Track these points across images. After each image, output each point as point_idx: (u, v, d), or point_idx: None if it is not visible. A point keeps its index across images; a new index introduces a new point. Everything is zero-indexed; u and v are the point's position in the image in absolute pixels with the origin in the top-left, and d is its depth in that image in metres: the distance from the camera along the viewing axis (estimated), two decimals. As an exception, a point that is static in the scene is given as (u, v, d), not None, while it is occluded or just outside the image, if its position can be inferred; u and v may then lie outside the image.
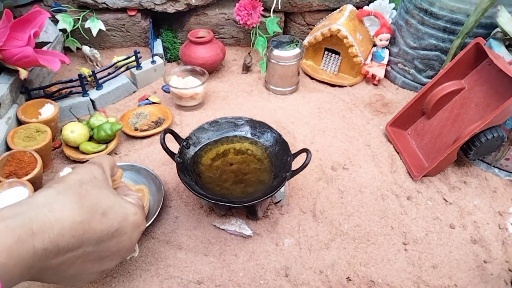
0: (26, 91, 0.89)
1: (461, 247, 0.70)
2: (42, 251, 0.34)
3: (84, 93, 0.96)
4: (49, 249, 0.35)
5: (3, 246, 0.32)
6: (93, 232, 0.39)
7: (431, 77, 0.98)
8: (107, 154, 0.85)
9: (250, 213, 0.73)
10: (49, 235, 0.35)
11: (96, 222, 0.39)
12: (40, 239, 0.34)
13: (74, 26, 1.12)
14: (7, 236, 0.33)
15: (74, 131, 0.83)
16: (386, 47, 1.09)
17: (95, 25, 1.13)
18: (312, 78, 1.14)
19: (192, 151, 0.75)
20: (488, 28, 0.89)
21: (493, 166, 0.85)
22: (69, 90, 0.95)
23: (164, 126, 0.92)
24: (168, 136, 0.74)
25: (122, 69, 1.04)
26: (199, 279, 0.64)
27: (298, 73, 1.06)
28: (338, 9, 1.13)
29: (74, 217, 0.37)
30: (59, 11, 1.12)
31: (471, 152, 0.77)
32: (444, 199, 0.79)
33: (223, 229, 0.71)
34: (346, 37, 1.02)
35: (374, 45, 1.10)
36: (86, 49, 1.12)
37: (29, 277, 0.36)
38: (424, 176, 0.82)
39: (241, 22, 1.11)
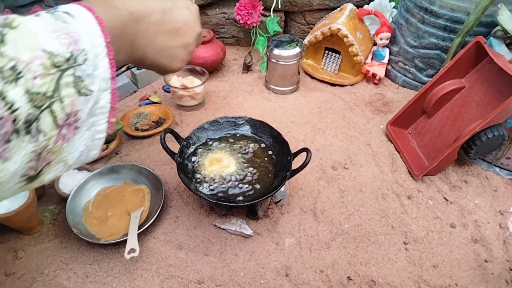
0: (26, 91, 0.89)
1: (462, 247, 0.70)
2: (125, 11, 0.41)
3: (85, 93, 0.96)
4: (129, 9, 0.41)
5: (104, 7, 0.39)
6: (154, 3, 0.45)
7: (431, 76, 0.97)
8: (108, 154, 0.85)
9: (251, 213, 0.73)
10: (123, 2, 0.41)
11: None
12: (119, 3, 0.41)
13: (74, 26, 1.12)
14: (106, 1, 0.40)
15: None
16: (387, 46, 1.08)
17: (95, 25, 1.13)
18: (312, 78, 1.14)
19: (192, 150, 0.75)
20: (489, 26, 0.88)
21: (494, 165, 0.84)
22: (69, 90, 0.95)
23: (164, 126, 0.92)
24: (169, 136, 0.74)
25: (123, 69, 1.03)
26: (199, 279, 0.64)
27: (299, 73, 1.06)
28: (339, 8, 1.13)
29: None
30: (60, 11, 1.12)
31: (471, 151, 0.77)
32: (444, 198, 0.79)
33: (223, 229, 0.71)
34: (346, 36, 1.02)
35: (375, 44, 1.10)
36: (86, 49, 1.12)
37: (130, 39, 0.42)
38: (424, 175, 0.82)
39: (241, 22, 1.11)
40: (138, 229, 0.67)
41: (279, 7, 1.15)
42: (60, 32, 0.33)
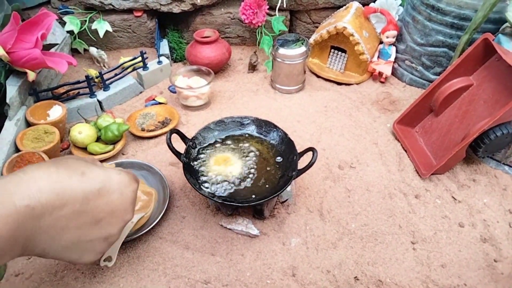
0: (34, 93, 0.90)
1: (470, 246, 0.70)
2: (25, 208, 0.34)
3: (92, 94, 0.97)
4: (31, 205, 0.34)
5: None
6: (74, 189, 0.38)
7: (438, 74, 0.96)
8: (115, 154, 0.85)
9: (257, 213, 0.72)
10: (27, 192, 0.35)
11: (75, 180, 0.39)
12: (19, 197, 0.34)
13: (81, 28, 1.13)
14: None
15: (82, 132, 0.84)
16: (393, 44, 1.08)
17: (101, 26, 1.14)
18: (318, 77, 1.13)
19: (198, 150, 0.76)
20: (497, 23, 0.87)
21: (503, 164, 0.83)
22: (76, 91, 0.96)
23: (170, 126, 0.93)
24: (175, 136, 0.74)
25: (129, 70, 1.04)
26: (206, 279, 0.64)
27: (304, 72, 1.06)
28: (344, 7, 1.12)
29: (50, 176, 0.37)
30: (66, 13, 1.13)
31: (480, 149, 0.76)
32: (453, 197, 0.78)
33: (229, 229, 0.71)
34: (352, 35, 1.01)
35: (381, 43, 1.09)
36: (93, 50, 1.13)
37: (24, 242, 0.35)
38: (432, 174, 0.81)
39: (246, 21, 1.11)
40: (143, 230, 0.67)
41: (285, 6, 1.15)
42: None
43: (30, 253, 0.37)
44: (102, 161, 0.82)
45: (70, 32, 1.14)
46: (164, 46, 1.19)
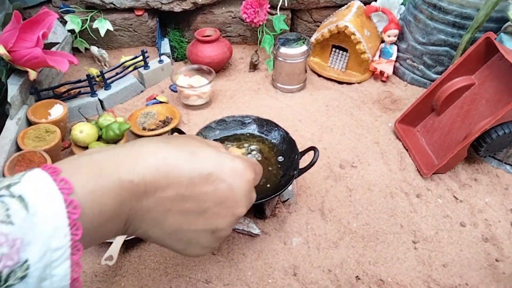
0: (35, 92, 0.90)
1: (472, 246, 0.69)
2: (128, 183, 0.32)
3: (93, 93, 0.97)
4: (135, 181, 0.32)
5: (88, 174, 0.31)
6: (181, 170, 0.35)
7: (440, 73, 0.96)
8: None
9: (258, 212, 0.72)
10: (133, 166, 0.33)
11: (183, 160, 0.35)
12: (124, 170, 0.32)
13: (82, 26, 1.13)
14: (92, 166, 0.32)
15: (83, 131, 0.84)
16: (395, 43, 1.07)
17: (103, 25, 1.14)
18: (319, 76, 1.13)
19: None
20: (499, 22, 0.87)
21: (505, 163, 0.83)
22: (78, 90, 0.96)
23: (171, 126, 0.93)
24: (176, 136, 0.74)
25: (130, 69, 1.04)
26: (207, 278, 0.64)
27: (306, 71, 1.06)
28: (346, 6, 1.12)
29: (158, 153, 0.35)
30: (68, 12, 1.13)
31: (481, 148, 0.76)
32: (454, 196, 0.78)
33: (231, 228, 0.71)
34: (354, 34, 1.01)
35: (382, 42, 1.09)
36: (94, 49, 1.13)
37: (126, 218, 0.33)
38: (434, 173, 0.81)
39: (247, 20, 1.11)
40: None
41: (286, 5, 1.15)
42: None
43: (132, 232, 0.35)
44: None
45: (71, 31, 1.14)
46: (165, 45, 1.19)
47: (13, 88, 0.84)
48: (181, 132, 0.74)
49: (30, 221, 0.25)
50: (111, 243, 0.66)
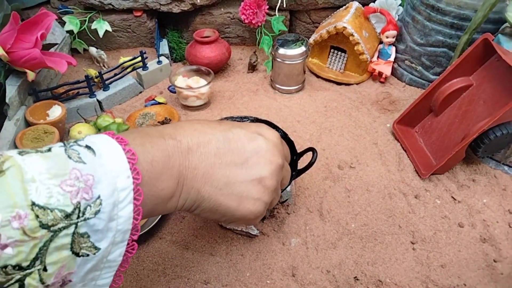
0: (34, 92, 0.90)
1: (470, 246, 0.70)
2: (173, 141, 0.36)
3: (91, 94, 0.97)
4: (178, 138, 0.37)
5: (137, 135, 0.35)
6: (214, 129, 0.40)
7: (438, 74, 0.96)
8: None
9: (257, 213, 0.72)
10: (173, 131, 0.38)
11: (215, 125, 0.41)
12: (166, 133, 0.37)
13: (80, 27, 1.13)
14: (138, 131, 0.36)
15: (82, 132, 0.84)
16: (393, 44, 1.08)
17: (101, 26, 1.14)
18: (318, 77, 1.13)
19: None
20: (497, 23, 0.87)
21: (503, 164, 0.83)
22: (76, 91, 0.95)
23: (170, 126, 0.93)
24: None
25: (129, 70, 1.04)
26: (206, 279, 0.64)
27: (304, 72, 1.06)
28: (344, 7, 1.12)
29: (193, 123, 0.40)
30: (66, 13, 1.13)
31: (479, 149, 0.76)
32: (452, 197, 0.78)
33: (229, 229, 0.71)
34: (352, 35, 1.01)
35: (381, 43, 1.09)
36: (92, 50, 1.13)
37: (177, 175, 0.36)
38: (432, 174, 0.81)
39: (246, 21, 1.11)
40: (142, 230, 0.67)
41: (284, 6, 1.15)
42: (67, 176, 0.27)
43: (188, 194, 0.37)
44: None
45: (70, 32, 1.14)
46: (164, 46, 1.19)
47: (11, 89, 0.84)
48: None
49: (98, 162, 0.29)
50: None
